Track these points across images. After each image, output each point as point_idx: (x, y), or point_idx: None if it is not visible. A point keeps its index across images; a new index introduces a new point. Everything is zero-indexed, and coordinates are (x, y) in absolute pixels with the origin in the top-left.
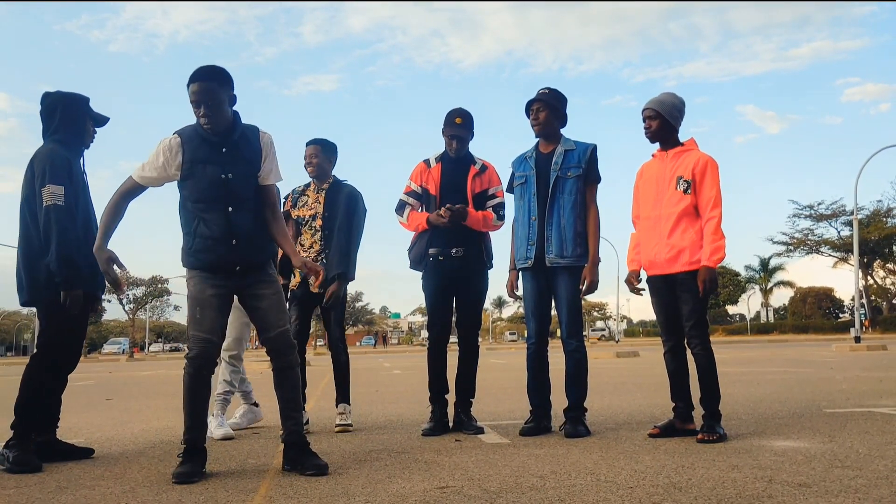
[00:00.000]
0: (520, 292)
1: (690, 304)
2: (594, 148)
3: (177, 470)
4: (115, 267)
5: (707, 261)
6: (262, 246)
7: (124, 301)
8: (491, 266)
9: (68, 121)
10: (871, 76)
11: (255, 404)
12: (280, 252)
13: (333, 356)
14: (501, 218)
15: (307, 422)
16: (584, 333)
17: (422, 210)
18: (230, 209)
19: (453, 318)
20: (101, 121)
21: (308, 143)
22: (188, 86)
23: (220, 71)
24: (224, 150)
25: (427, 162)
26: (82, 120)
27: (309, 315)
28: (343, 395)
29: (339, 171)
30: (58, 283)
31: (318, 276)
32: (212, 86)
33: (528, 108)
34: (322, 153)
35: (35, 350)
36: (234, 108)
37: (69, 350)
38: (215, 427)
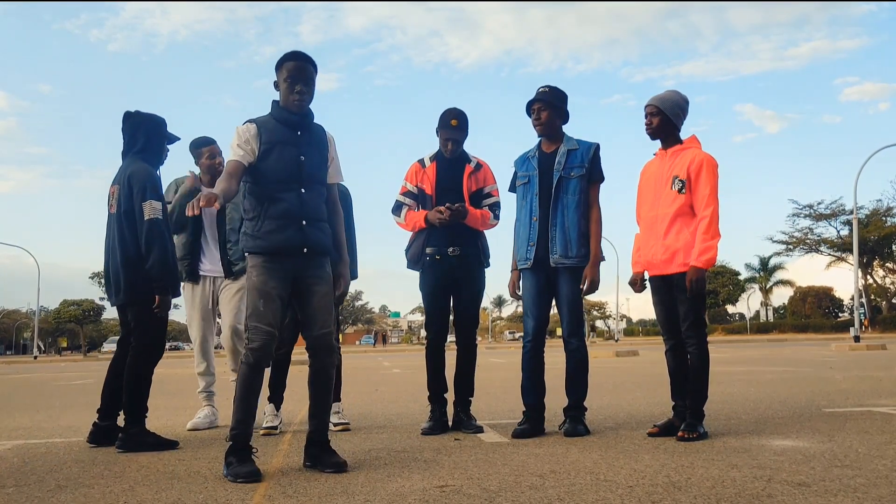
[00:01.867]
0: (521, 292)
1: (686, 305)
2: (597, 147)
3: (238, 469)
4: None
5: (695, 261)
6: (325, 231)
7: None
8: (488, 265)
9: (151, 142)
10: (869, 75)
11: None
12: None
13: None
14: (497, 217)
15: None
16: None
17: (418, 210)
18: (303, 190)
19: (451, 318)
20: (175, 140)
21: None
22: (283, 63)
23: (313, 59)
24: (299, 133)
25: (421, 162)
26: (162, 141)
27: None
28: (336, 394)
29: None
30: (156, 287)
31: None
32: (309, 68)
33: (529, 108)
34: None
35: (135, 346)
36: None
37: (161, 344)
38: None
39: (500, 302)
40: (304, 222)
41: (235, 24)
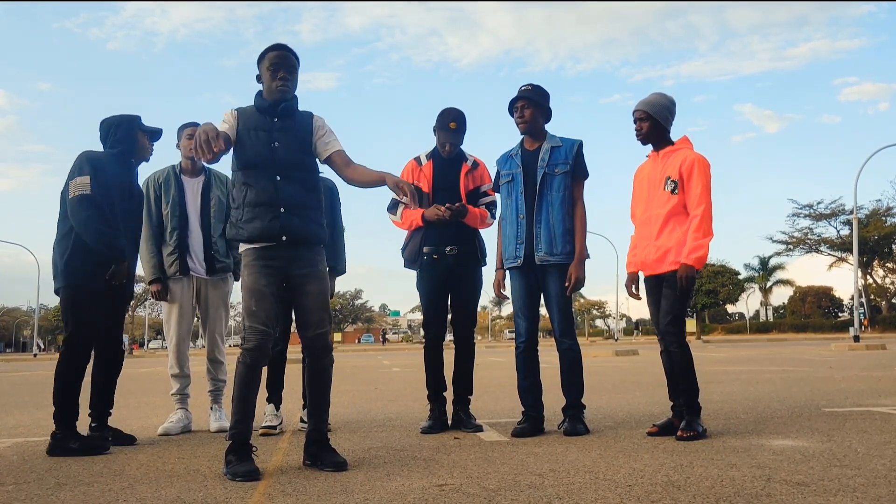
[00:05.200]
0: (506, 291)
1: (670, 301)
2: (580, 144)
3: (236, 468)
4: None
5: (685, 258)
6: (312, 220)
7: None
8: (485, 263)
9: (122, 139)
10: (868, 76)
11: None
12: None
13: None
14: (494, 216)
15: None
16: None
17: (414, 208)
18: (278, 178)
19: (449, 317)
20: (154, 132)
21: None
22: (266, 54)
23: (296, 52)
24: (275, 120)
25: (418, 160)
26: (133, 137)
27: (288, 310)
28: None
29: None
30: (106, 260)
31: (413, 196)
32: (291, 58)
33: (512, 106)
34: None
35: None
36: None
37: (96, 341)
38: (213, 420)
39: (499, 301)
40: (281, 209)
41: (235, 24)
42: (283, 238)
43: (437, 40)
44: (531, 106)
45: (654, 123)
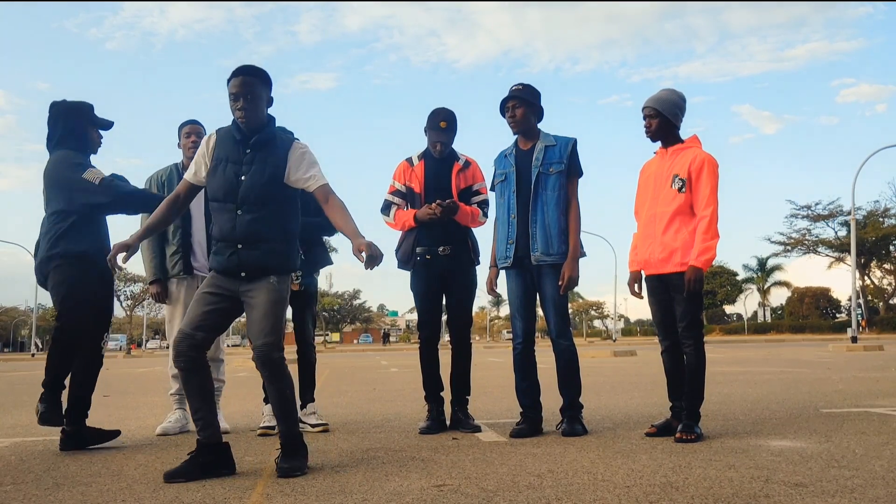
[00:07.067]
0: (499, 289)
1: (683, 306)
2: (575, 142)
3: (171, 469)
4: (119, 257)
5: (694, 260)
6: (276, 252)
7: (122, 298)
8: (478, 263)
9: (70, 130)
10: (866, 77)
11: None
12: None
13: (306, 355)
14: (486, 215)
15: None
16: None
17: (407, 209)
18: (239, 212)
19: (444, 317)
20: (106, 126)
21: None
22: (229, 81)
23: (261, 70)
24: (248, 151)
25: (409, 160)
26: (84, 128)
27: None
28: (311, 394)
29: (336, 169)
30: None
31: (376, 260)
32: (252, 80)
33: (504, 106)
34: None
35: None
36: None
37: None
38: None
39: (498, 301)
40: (239, 245)
41: (234, 24)
42: (242, 274)
43: (435, 41)
44: (522, 105)
45: (664, 120)
